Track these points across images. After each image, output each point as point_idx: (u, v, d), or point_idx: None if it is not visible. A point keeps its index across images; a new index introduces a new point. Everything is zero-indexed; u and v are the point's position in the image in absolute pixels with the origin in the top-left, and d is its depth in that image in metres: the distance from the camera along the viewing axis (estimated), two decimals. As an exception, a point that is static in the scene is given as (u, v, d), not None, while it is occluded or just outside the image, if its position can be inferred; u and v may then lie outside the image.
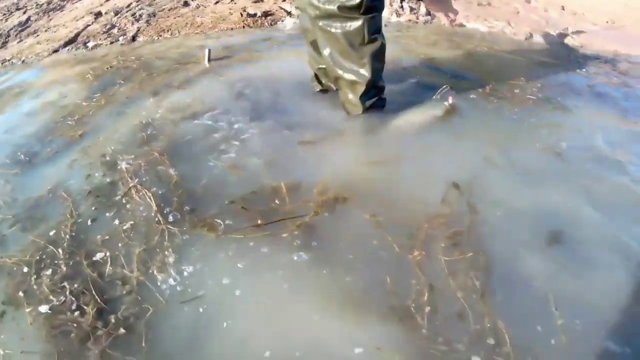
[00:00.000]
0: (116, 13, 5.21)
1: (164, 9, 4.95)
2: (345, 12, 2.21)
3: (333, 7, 2.20)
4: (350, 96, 2.48)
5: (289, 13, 4.36)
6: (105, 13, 5.33)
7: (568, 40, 4.63)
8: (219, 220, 1.80)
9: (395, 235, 1.75)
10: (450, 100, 2.66)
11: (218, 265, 1.62)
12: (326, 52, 2.38)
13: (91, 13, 5.48)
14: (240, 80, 2.94)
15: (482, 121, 2.63)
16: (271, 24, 4.13)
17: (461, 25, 4.62)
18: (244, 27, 4.06)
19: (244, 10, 4.32)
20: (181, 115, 2.56)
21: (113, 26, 4.74)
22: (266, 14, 4.25)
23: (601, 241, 1.80)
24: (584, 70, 3.69)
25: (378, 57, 2.35)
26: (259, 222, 1.78)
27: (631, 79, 3.60)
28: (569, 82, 3.37)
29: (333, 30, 2.28)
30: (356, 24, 2.23)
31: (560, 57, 4.04)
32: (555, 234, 1.81)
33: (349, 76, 2.38)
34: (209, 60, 3.27)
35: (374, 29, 2.29)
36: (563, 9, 5.82)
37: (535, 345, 1.42)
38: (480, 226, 1.83)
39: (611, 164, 2.27)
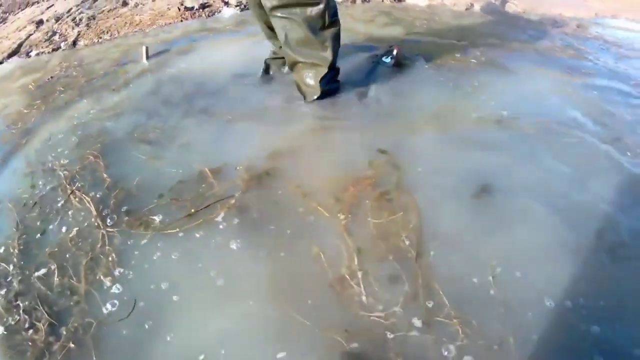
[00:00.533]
0: (57, 19, 5.17)
1: (104, 10, 4.94)
2: (293, 6, 2.28)
3: None
4: (309, 80, 2.51)
5: (226, 3, 4.40)
6: (47, 20, 5.28)
7: (510, 7, 4.70)
8: (154, 217, 1.85)
9: (322, 202, 1.85)
10: (395, 51, 2.88)
11: (156, 265, 1.66)
12: (284, 39, 2.40)
13: (33, 22, 5.41)
14: (176, 75, 3.02)
15: (419, 88, 2.75)
16: (209, 16, 4.17)
17: (400, 0, 4.67)
18: (182, 20, 4.10)
19: (182, 4, 4.34)
20: (114, 116, 2.63)
21: (54, 33, 4.71)
22: (204, 6, 4.28)
23: (529, 195, 1.90)
24: (526, 35, 3.78)
25: (338, 39, 2.45)
26: (192, 210, 1.85)
27: (576, 41, 3.70)
28: (512, 46, 3.48)
29: (294, 17, 2.30)
30: (317, 8, 2.30)
31: (502, 23, 4.14)
32: (483, 189, 1.91)
33: (310, 60, 2.43)
34: (147, 57, 3.31)
35: (333, 12, 2.37)
36: None
37: (473, 301, 1.49)
38: (408, 185, 1.92)
39: (547, 129, 2.37)
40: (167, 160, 2.15)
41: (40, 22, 5.25)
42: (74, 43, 4.28)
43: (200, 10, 4.21)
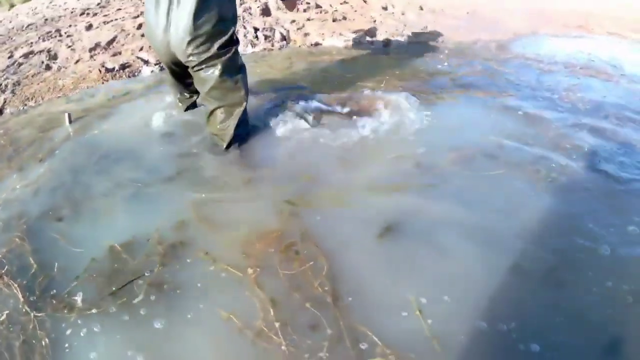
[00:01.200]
0: (-17, 86, 5.30)
1: (28, 75, 5.12)
2: (213, 59, 2.65)
3: (203, 57, 2.64)
4: (225, 123, 2.85)
5: (146, 62, 4.67)
6: (-28, 85, 5.39)
7: (427, 38, 5.09)
8: (75, 298, 1.95)
9: (231, 262, 2.03)
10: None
11: (81, 350, 1.70)
12: (207, 90, 2.78)
13: (-42, 86, 5.52)
14: (96, 139, 3.24)
15: (333, 129, 3.05)
16: (129, 76, 4.42)
17: (317, 44, 5.01)
18: (103, 83, 4.33)
19: (103, 66, 4.58)
20: (36, 191, 2.76)
21: (-20, 101, 4.85)
22: (124, 67, 4.53)
23: (443, 229, 2.09)
24: (445, 63, 4.12)
25: (246, 79, 2.86)
26: (113, 288, 1.97)
27: (495, 63, 4.07)
28: (431, 78, 3.77)
29: (214, 68, 2.69)
30: (230, 53, 2.71)
31: (419, 54, 4.47)
32: (388, 228, 2.10)
33: (229, 102, 2.80)
34: (70, 122, 3.54)
35: (239, 59, 2.81)
36: (421, 8, 6.35)
37: (406, 335, 1.59)
38: (314, 234, 2.10)
39: (464, 161, 2.61)
40: (79, 238, 2.23)
41: None
42: (0, 111, 4.43)
43: (121, 71, 4.46)
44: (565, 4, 7.69)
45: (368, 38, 4.97)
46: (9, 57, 6.26)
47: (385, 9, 6.30)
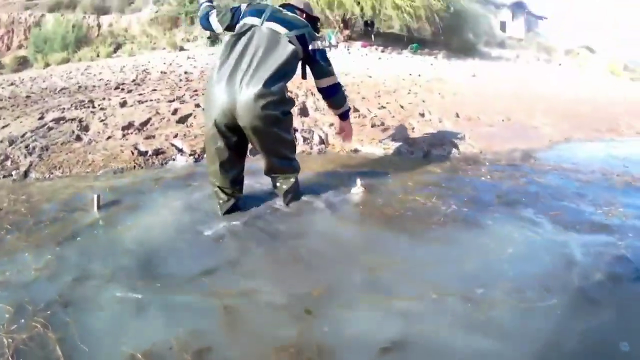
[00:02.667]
0: (11, 143, 5.28)
1: (57, 142, 5.12)
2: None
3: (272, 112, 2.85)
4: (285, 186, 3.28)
5: (180, 150, 4.67)
6: (0, 142, 5.37)
7: (466, 148, 5.09)
8: None
9: None
10: (359, 184, 3.32)
11: None
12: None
13: (-15, 141, 5.51)
14: (122, 234, 3.07)
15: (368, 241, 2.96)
16: (162, 164, 4.39)
17: (355, 150, 5.03)
18: (134, 167, 4.30)
19: (135, 148, 4.58)
20: (52, 277, 2.57)
21: (7, 157, 4.81)
22: (157, 152, 4.53)
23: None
24: (488, 176, 4.08)
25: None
26: None
27: (536, 176, 4.04)
28: (477, 193, 3.70)
29: (274, 129, 2.95)
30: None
31: (461, 166, 4.41)
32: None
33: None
34: (99, 207, 3.40)
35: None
36: (457, 116, 6.47)
37: None
38: (332, 351, 1.97)
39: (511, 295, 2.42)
40: (95, 344, 2.05)
41: None
42: (26, 174, 4.38)
43: (154, 156, 4.44)
44: (595, 108, 7.92)
45: (407, 147, 4.97)
46: (40, 118, 6.33)
47: (422, 115, 6.42)
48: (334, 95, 3.34)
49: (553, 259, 2.78)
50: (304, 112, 6.13)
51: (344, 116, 3.60)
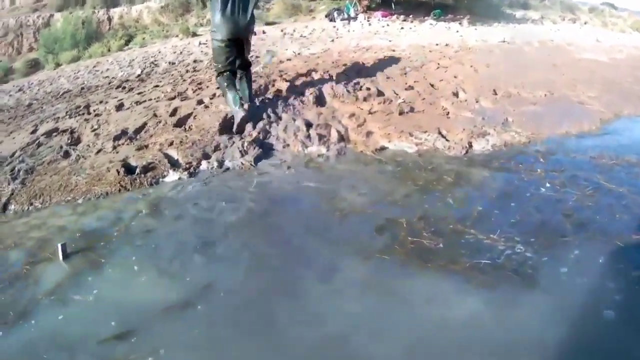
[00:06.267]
0: (-2, 164, 4.77)
1: (44, 161, 4.57)
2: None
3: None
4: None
5: (174, 164, 4.00)
6: (-13, 165, 4.88)
7: (513, 138, 4.26)
8: None
9: None
10: None
11: None
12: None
13: (-26, 164, 5.03)
14: (88, 302, 2.47)
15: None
16: (151, 183, 3.75)
17: (382, 148, 4.25)
18: (120, 190, 3.67)
19: (123, 165, 3.94)
20: None
21: (-10, 185, 4.29)
22: (146, 170, 3.87)
23: None
24: (547, 184, 3.28)
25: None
26: None
27: (601, 177, 3.31)
28: (540, 214, 2.93)
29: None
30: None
31: (511, 167, 3.64)
32: None
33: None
34: (64, 257, 2.85)
35: None
36: (495, 93, 5.60)
37: None
38: None
39: None
40: None
41: None
42: (5, 206, 3.86)
43: (142, 175, 3.79)
44: (633, 74, 7.03)
45: (444, 141, 4.14)
46: (32, 132, 5.89)
47: (455, 94, 5.55)
48: None
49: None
50: (319, 100, 5.40)
51: None
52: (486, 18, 16.36)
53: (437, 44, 9.42)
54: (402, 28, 12.71)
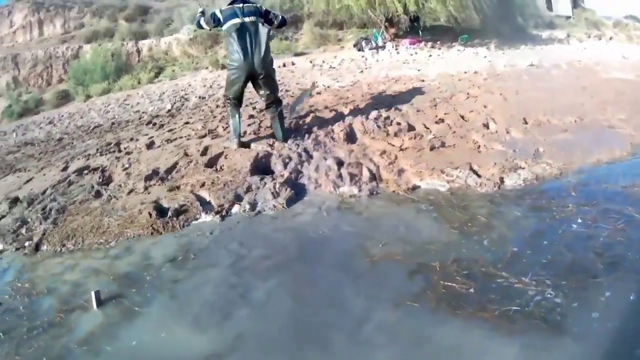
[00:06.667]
0: (29, 203, 4.81)
1: (75, 201, 4.59)
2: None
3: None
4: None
5: (205, 206, 3.98)
6: (20, 201, 4.92)
7: (544, 170, 4.14)
8: None
9: None
10: None
11: None
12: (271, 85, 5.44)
13: (8, 199, 5.07)
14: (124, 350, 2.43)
15: None
16: (183, 225, 3.73)
17: (414, 187, 4.16)
18: (152, 232, 3.65)
19: (154, 208, 3.93)
20: None
21: (24, 223, 4.33)
22: (178, 212, 3.86)
23: None
24: (579, 220, 3.17)
25: None
26: None
27: (634, 210, 3.18)
28: (572, 252, 2.82)
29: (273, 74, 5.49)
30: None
31: (542, 203, 3.52)
32: None
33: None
34: (99, 304, 2.84)
35: None
36: (525, 122, 5.49)
37: None
38: None
39: None
40: None
41: (15, 201, 5.02)
42: (37, 246, 3.88)
43: (174, 218, 3.78)
44: None
45: (475, 177, 4.04)
46: (63, 169, 5.93)
47: (486, 126, 5.42)
48: (285, 23, 5.59)
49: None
50: (350, 137, 5.37)
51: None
52: (513, 41, 16.19)
53: (465, 72, 9.30)
54: (430, 55, 12.64)
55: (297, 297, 2.73)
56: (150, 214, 3.90)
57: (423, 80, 8.59)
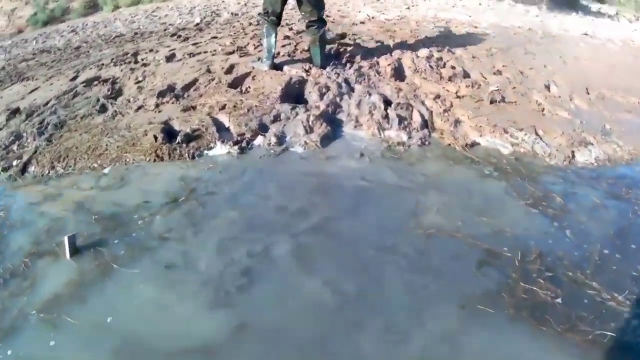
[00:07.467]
0: (28, 115, 4.19)
1: (77, 115, 3.95)
2: None
3: None
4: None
5: (223, 134, 3.27)
6: (20, 113, 4.31)
7: (615, 152, 3.54)
8: None
9: None
10: None
11: None
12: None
13: (8, 110, 4.48)
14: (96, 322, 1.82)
15: None
16: (193, 156, 3.03)
17: (473, 144, 3.45)
18: (155, 159, 2.98)
19: (165, 126, 3.25)
20: None
21: (17, 137, 3.73)
22: (189, 138, 3.17)
23: None
24: None
25: None
26: None
27: None
28: None
29: None
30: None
31: (620, 194, 2.93)
32: None
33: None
34: (71, 253, 2.21)
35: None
36: (588, 92, 4.76)
37: None
38: None
39: None
40: None
41: (15, 112, 4.44)
42: (25, 167, 3.33)
43: (184, 145, 3.09)
44: None
45: (543, 145, 3.31)
46: (72, 79, 5.27)
47: (547, 87, 4.67)
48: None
49: None
50: (398, 73, 4.64)
51: None
52: (564, 6, 15.09)
53: (519, 27, 8.36)
54: (480, 4, 11.53)
55: (325, 274, 2.07)
56: (155, 137, 3.22)
57: (476, 27, 7.72)
